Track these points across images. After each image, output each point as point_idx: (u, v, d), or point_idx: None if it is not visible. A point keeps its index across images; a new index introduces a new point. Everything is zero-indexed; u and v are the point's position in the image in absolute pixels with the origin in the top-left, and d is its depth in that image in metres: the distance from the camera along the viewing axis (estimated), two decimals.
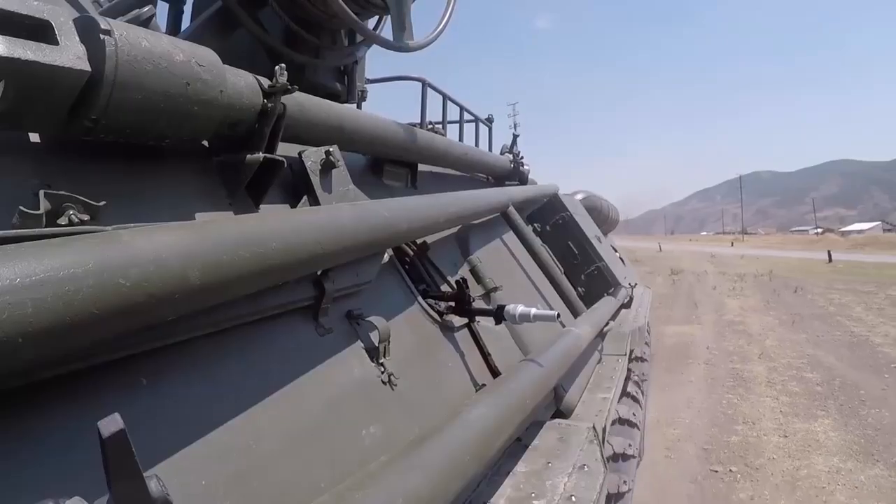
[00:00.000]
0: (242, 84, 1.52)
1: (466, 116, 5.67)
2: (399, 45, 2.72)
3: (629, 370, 4.52)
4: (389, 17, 2.95)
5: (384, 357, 1.81)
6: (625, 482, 3.25)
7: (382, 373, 1.78)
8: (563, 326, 3.20)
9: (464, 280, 2.48)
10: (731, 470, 7.09)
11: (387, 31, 3.18)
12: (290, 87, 1.59)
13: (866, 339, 13.98)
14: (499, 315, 2.42)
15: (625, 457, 3.51)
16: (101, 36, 1.08)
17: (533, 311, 2.35)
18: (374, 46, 3.13)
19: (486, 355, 2.55)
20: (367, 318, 1.83)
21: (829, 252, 39.38)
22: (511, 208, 3.71)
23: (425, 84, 4.66)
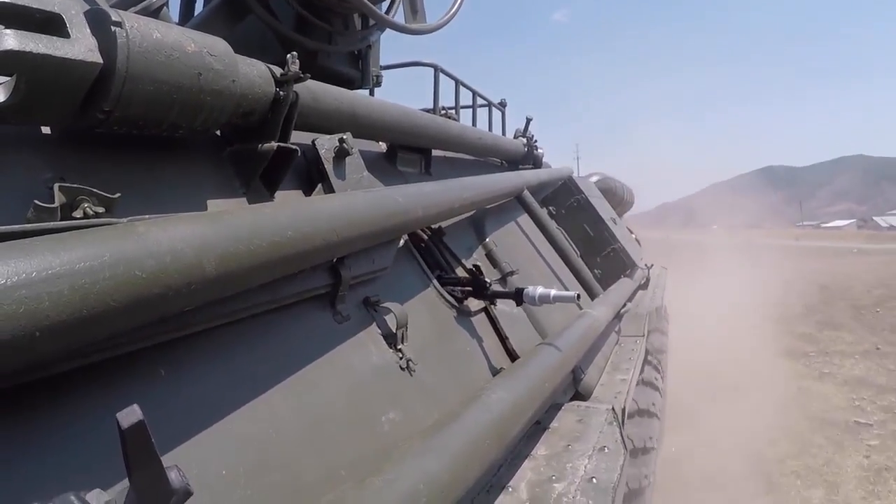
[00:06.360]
0: (254, 73, 1.51)
1: (479, 101, 5.62)
2: (411, 28, 2.69)
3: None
4: (401, 1, 2.93)
5: (402, 343, 1.81)
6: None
7: (401, 359, 1.78)
8: (581, 308, 3.18)
9: (476, 267, 2.47)
10: None
11: (399, 16, 3.15)
12: (302, 75, 1.58)
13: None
14: (518, 297, 2.40)
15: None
16: (113, 28, 1.08)
17: (553, 292, 2.32)
18: (387, 31, 3.10)
19: (503, 339, 2.55)
20: (384, 305, 1.83)
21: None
22: (526, 192, 3.68)
23: (437, 69, 4.62)
